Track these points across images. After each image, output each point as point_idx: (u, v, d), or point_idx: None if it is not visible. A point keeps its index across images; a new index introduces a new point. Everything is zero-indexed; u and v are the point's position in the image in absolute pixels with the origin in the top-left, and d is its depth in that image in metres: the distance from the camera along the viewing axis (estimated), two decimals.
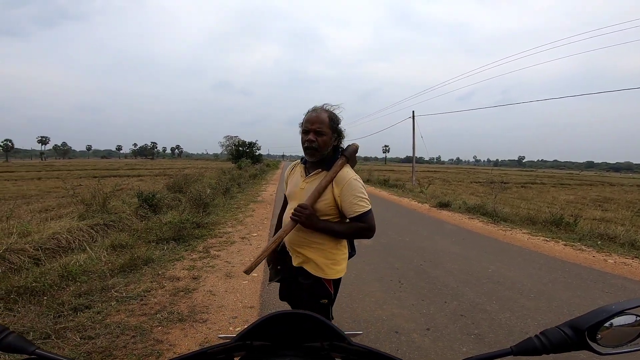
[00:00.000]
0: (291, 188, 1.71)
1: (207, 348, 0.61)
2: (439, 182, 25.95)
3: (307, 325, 0.64)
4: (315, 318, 0.63)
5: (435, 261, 4.66)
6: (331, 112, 1.60)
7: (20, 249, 4.01)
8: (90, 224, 5.33)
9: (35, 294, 3.15)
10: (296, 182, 1.69)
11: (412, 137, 20.69)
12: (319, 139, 1.54)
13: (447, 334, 2.74)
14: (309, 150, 1.56)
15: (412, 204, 10.96)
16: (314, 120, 1.55)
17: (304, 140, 1.57)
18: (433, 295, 3.51)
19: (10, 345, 0.52)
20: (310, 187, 1.60)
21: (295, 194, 1.67)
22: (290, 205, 1.69)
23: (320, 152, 1.56)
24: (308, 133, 1.55)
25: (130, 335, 2.56)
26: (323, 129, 1.55)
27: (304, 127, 1.58)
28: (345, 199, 1.55)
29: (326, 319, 0.64)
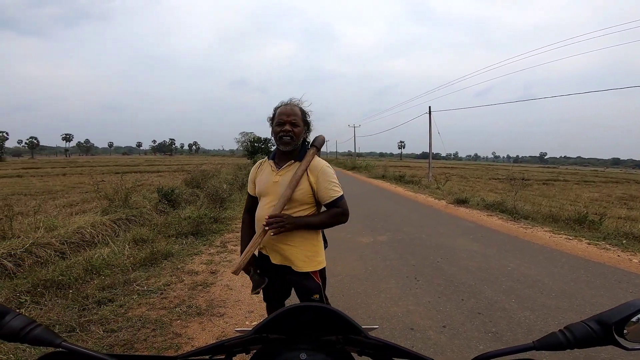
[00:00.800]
0: (263, 185, 1.73)
1: (224, 340, 0.63)
2: (456, 179, 25.50)
3: (323, 318, 0.65)
4: (331, 311, 0.63)
5: (452, 258, 4.60)
6: (301, 107, 1.72)
7: (47, 243, 4.17)
8: (112, 219, 5.51)
9: (61, 287, 3.26)
10: (267, 178, 1.72)
11: (429, 132, 20.38)
12: (294, 129, 1.64)
13: (464, 331, 2.71)
14: (285, 139, 1.64)
15: (428, 200, 10.82)
16: (289, 112, 1.65)
17: (278, 132, 1.65)
18: (450, 293, 3.47)
19: (37, 337, 0.53)
20: (284, 179, 1.67)
21: (268, 189, 1.70)
22: (265, 201, 1.70)
23: (294, 142, 1.65)
24: (283, 124, 1.63)
25: (151, 329, 2.63)
26: (297, 121, 1.65)
27: (278, 120, 1.66)
28: (320, 186, 1.66)
29: (343, 312, 0.64)
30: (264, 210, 1.67)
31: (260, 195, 1.75)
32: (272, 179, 1.70)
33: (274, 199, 1.67)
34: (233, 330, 1.55)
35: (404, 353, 0.62)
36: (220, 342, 0.63)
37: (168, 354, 2.31)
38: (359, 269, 4.16)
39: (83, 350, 0.53)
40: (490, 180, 27.55)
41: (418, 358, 0.61)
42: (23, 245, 3.88)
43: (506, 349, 0.58)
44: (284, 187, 1.64)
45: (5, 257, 3.64)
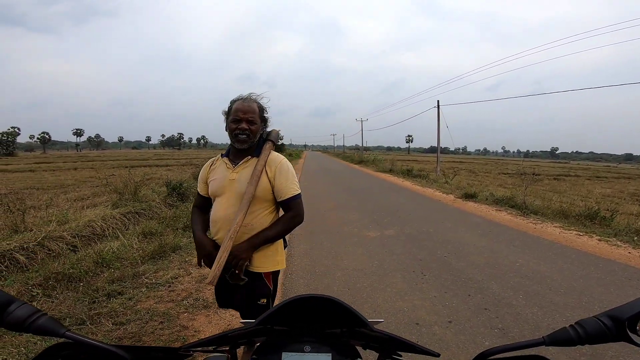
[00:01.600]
0: (218, 183, 1.65)
1: (228, 332, 0.63)
2: (464, 173, 25.26)
3: (328, 311, 0.65)
4: (337, 303, 0.63)
5: (459, 253, 4.57)
6: (259, 102, 1.66)
7: (59, 236, 4.25)
8: (122, 212, 5.59)
9: (72, 280, 3.32)
10: (222, 176, 1.64)
11: (437, 127, 20.17)
12: (251, 127, 1.59)
13: (470, 327, 2.70)
14: (241, 137, 1.59)
15: (436, 194, 10.75)
16: (246, 109, 1.59)
17: (234, 129, 1.59)
18: (456, 288, 3.45)
19: (41, 327, 0.53)
20: (242, 176, 1.60)
21: (224, 187, 1.62)
22: (221, 200, 1.63)
23: (251, 140, 1.60)
24: (240, 122, 1.58)
25: (159, 321, 2.67)
26: (255, 118, 1.60)
27: (234, 116, 1.60)
28: (278, 180, 1.61)
29: (348, 304, 0.63)
30: (221, 212, 1.61)
31: (215, 195, 1.66)
32: (228, 176, 1.62)
33: (231, 197, 1.60)
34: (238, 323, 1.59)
35: (409, 346, 0.62)
36: (224, 333, 0.63)
37: (175, 346, 2.34)
38: (365, 263, 4.16)
39: (87, 340, 0.53)
40: (499, 174, 27.22)
41: (423, 351, 0.60)
42: (35, 239, 3.96)
43: (515, 343, 0.57)
44: (242, 184, 1.58)
45: (17, 250, 3.72)
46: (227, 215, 1.59)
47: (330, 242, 5.05)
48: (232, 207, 1.60)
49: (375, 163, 26.77)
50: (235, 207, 1.59)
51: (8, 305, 0.53)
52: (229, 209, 1.59)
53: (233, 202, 1.60)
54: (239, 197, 1.59)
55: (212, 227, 1.66)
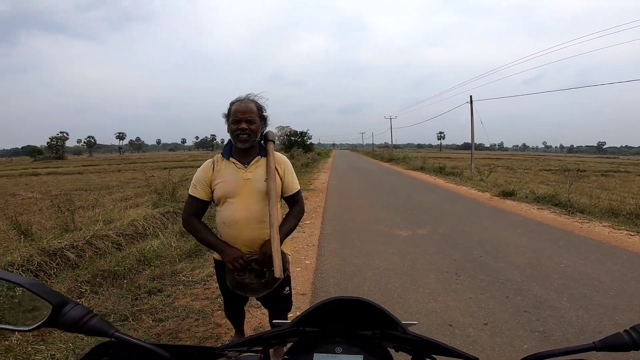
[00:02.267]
0: (230, 185, 1.65)
1: (263, 333, 0.64)
2: (501, 170, 24.13)
3: (360, 312, 0.64)
4: (370, 305, 0.62)
5: (497, 253, 4.38)
6: (257, 102, 1.68)
7: (105, 235, 4.52)
8: (161, 212, 5.86)
9: (117, 277, 3.49)
10: (235, 177, 1.65)
11: (471, 122, 19.43)
12: (251, 127, 1.62)
13: (507, 329, 2.58)
14: (242, 137, 1.62)
15: (471, 192, 10.36)
16: (244, 110, 1.62)
17: (234, 129, 1.62)
18: (493, 289, 3.31)
19: (93, 328, 0.55)
20: (256, 175, 1.65)
21: (239, 187, 1.64)
22: (235, 201, 1.64)
23: (252, 139, 1.64)
24: (239, 122, 1.61)
25: (194, 319, 2.75)
26: (254, 118, 1.63)
27: (233, 117, 1.63)
28: (287, 177, 1.75)
29: (383, 307, 0.63)
30: (240, 212, 1.63)
31: (228, 197, 1.66)
32: (241, 176, 1.65)
33: (249, 197, 1.63)
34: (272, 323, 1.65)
35: (445, 350, 0.60)
36: (260, 334, 0.64)
37: (208, 343, 2.41)
38: (397, 262, 4.09)
39: (133, 340, 0.54)
40: (540, 171, 25.74)
41: (460, 355, 0.58)
42: (84, 238, 4.23)
43: (563, 348, 0.54)
44: (259, 182, 1.64)
45: (68, 248, 3.99)
46: (249, 215, 1.63)
47: (360, 241, 5.01)
48: (251, 205, 1.64)
49: (405, 161, 26.25)
50: (256, 205, 1.64)
51: (63, 306, 0.55)
52: (249, 207, 1.64)
53: (252, 201, 1.64)
54: (257, 195, 1.64)
55: (229, 230, 1.66)
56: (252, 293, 1.67)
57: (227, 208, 1.66)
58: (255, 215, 1.64)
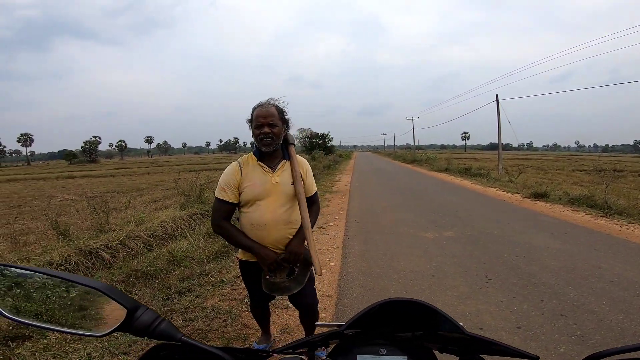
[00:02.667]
0: (259, 188, 1.70)
1: (310, 337, 0.64)
2: (531, 171, 23.21)
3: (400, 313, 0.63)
4: (424, 305, 0.60)
5: (530, 257, 4.20)
6: (277, 105, 1.73)
7: (137, 235, 4.68)
8: (189, 213, 6.02)
9: (149, 277, 3.59)
10: (263, 180, 1.71)
11: (497, 122, 18.82)
12: (273, 130, 1.67)
13: (542, 333, 2.49)
14: (265, 141, 1.67)
15: (499, 194, 10.02)
16: (265, 114, 1.67)
17: (258, 134, 1.67)
18: (527, 293, 3.18)
19: (162, 332, 0.54)
20: (283, 178, 1.72)
21: (268, 190, 1.70)
22: (264, 203, 1.71)
23: (275, 142, 1.69)
24: (262, 127, 1.66)
25: (222, 319, 2.78)
26: (275, 121, 1.68)
27: (256, 122, 1.68)
28: (307, 180, 1.81)
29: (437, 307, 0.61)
30: (269, 214, 1.70)
31: (256, 199, 1.70)
32: (270, 180, 1.71)
33: (277, 199, 1.71)
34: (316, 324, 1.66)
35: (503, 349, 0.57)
36: (307, 339, 0.64)
37: (236, 344, 2.44)
38: (423, 265, 4.01)
39: (199, 345, 0.55)
40: (573, 172, 24.60)
41: (519, 354, 0.55)
42: (118, 238, 4.41)
43: (629, 345, 0.50)
44: (286, 185, 1.71)
45: (103, 248, 4.17)
46: (276, 217, 1.70)
47: (385, 243, 4.95)
48: (280, 207, 1.71)
49: (429, 162, 25.73)
50: (284, 207, 1.72)
51: (135, 310, 0.55)
52: (277, 209, 1.71)
53: (280, 203, 1.72)
54: (284, 198, 1.72)
55: (257, 231, 1.71)
56: (286, 291, 1.74)
57: (255, 210, 1.71)
58: (282, 216, 1.72)
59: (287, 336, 2.57)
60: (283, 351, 0.63)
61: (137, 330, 0.54)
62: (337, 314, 2.86)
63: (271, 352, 0.63)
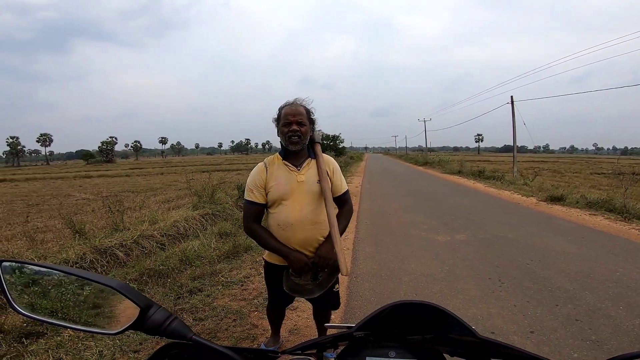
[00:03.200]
0: (284, 187, 1.68)
1: (320, 338, 0.64)
2: (547, 174, 22.71)
3: (410, 316, 0.63)
4: (435, 308, 0.60)
5: (545, 261, 4.11)
6: (305, 106, 1.73)
7: (150, 235, 4.75)
8: (201, 214, 6.09)
9: (161, 276, 3.64)
10: (287, 179, 1.70)
11: (512, 124, 18.50)
12: (301, 129, 1.67)
13: (556, 338, 2.44)
14: (293, 139, 1.66)
15: (514, 197, 9.83)
16: (294, 113, 1.67)
17: (286, 132, 1.66)
18: (541, 297, 3.12)
19: (174, 331, 0.54)
20: (309, 177, 1.69)
21: (293, 189, 1.69)
22: (289, 202, 1.68)
23: (303, 141, 1.69)
24: (290, 125, 1.65)
25: (232, 319, 2.80)
26: (303, 120, 1.68)
27: (284, 120, 1.67)
28: (336, 177, 1.77)
29: (449, 310, 0.60)
30: (295, 213, 1.66)
31: (282, 199, 1.69)
32: (295, 179, 1.69)
33: (303, 198, 1.68)
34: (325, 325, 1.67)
35: (517, 353, 0.55)
36: (316, 340, 0.64)
37: (245, 344, 2.45)
38: (435, 268, 3.97)
39: (210, 344, 0.54)
40: (591, 175, 23.95)
41: (531, 357, 0.54)
42: (132, 237, 4.49)
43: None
44: (311, 184, 1.68)
45: (117, 247, 4.24)
46: (302, 216, 1.67)
47: (396, 246, 4.91)
48: (306, 206, 1.68)
49: (441, 164, 25.40)
50: (310, 206, 1.68)
51: (148, 309, 0.54)
52: (303, 209, 1.67)
53: (306, 202, 1.68)
54: (310, 197, 1.68)
55: (283, 231, 1.68)
56: (308, 294, 1.71)
57: (281, 210, 1.69)
58: (308, 216, 1.67)
59: (295, 337, 2.57)
60: (292, 352, 0.63)
61: (150, 329, 0.54)
62: (346, 316, 2.85)
63: (280, 353, 0.63)
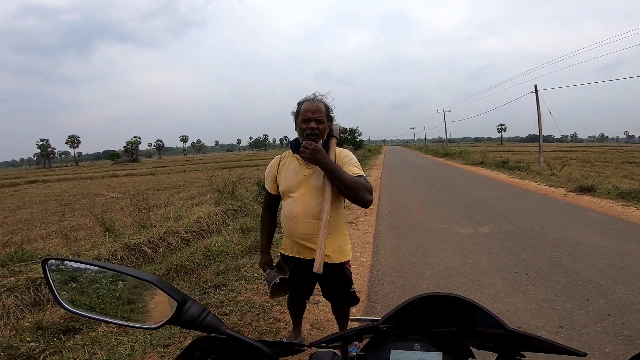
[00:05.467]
0: (291, 180, 1.72)
1: (346, 331, 0.65)
2: (576, 163, 21.75)
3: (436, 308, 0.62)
4: (464, 301, 0.59)
5: (575, 253, 3.97)
6: (325, 102, 1.71)
7: (175, 231, 4.89)
8: (223, 210, 6.21)
9: (187, 271, 3.75)
10: (296, 172, 1.71)
11: (537, 113, 17.80)
12: (320, 126, 1.66)
13: (586, 333, 2.37)
14: (312, 137, 1.64)
15: (540, 188, 9.49)
16: (314, 109, 1.66)
17: (304, 128, 1.65)
18: (571, 292, 3.02)
19: (208, 325, 0.55)
20: (317, 171, 1.66)
21: (300, 183, 1.69)
22: (295, 195, 1.70)
23: (321, 138, 1.68)
24: (309, 121, 1.64)
25: (255, 313, 2.85)
26: (322, 117, 1.67)
27: (303, 116, 1.67)
28: (347, 167, 1.68)
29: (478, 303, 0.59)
30: (299, 207, 1.67)
31: (289, 191, 1.72)
32: (303, 172, 1.70)
33: (308, 192, 1.67)
34: (351, 319, 1.67)
35: (547, 345, 0.54)
36: (342, 333, 0.65)
37: (268, 338, 2.48)
38: (457, 261, 3.90)
39: (242, 337, 0.56)
40: (623, 164, 22.74)
41: (564, 350, 0.53)
42: (158, 234, 4.63)
43: None
44: (318, 178, 1.65)
45: (145, 244, 4.39)
46: (306, 209, 1.67)
47: (417, 239, 4.86)
48: (309, 200, 1.67)
49: (462, 155, 24.77)
50: (314, 201, 1.66)
51: (185, 303, 0.56)
52: (306, 202, 1.66)
53: (311, 196, 1.67)
54: (316, 191, 1.67)
55: (288, 223, 1.72)
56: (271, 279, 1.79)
57: (288, 202, 1.73)
58: (311, 210, 1.66)
59: (317, 331, 2.60)
60: (318, 345, 0.64)
61: (186, 323, 0.55)
62: (368, 310, 2.85)
63: (306, 346, 0.64)
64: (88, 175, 29.15)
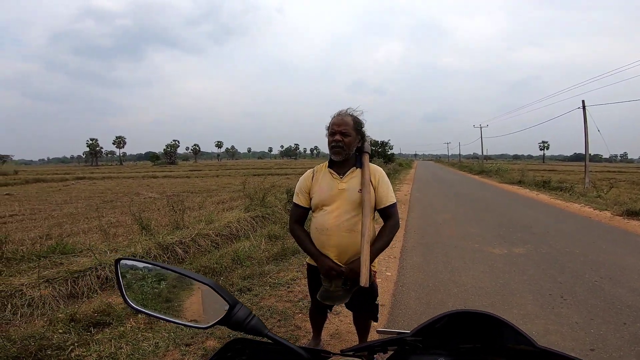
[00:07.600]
0: (325, 193, 1.73)
1: (374, 342, 0.67)
2: (624, 185, 20.18)
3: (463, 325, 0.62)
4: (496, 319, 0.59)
5: (616, 278, 3.70)
6: (355, 116, 1.73)
7: (206, 234, 5.02)
8: (252, 216, 6.35)
9: (215, 274, 3.85)
10: (330, 186, 1.73)
11: (584, 130, 16.80)
12: (345, 139, 1.69)
13: (619, 356, 2.26)
14: (336, 149, 1.69)
15: (584, 210, 8.92)
16: (339, 122, 1.70)
17: (330, 141, 1.70)
18: (608, 316, 2.85)
19: (253, 327, 0.59)
20: (351, 185, 1.70)
21: (334, 196, 1.71)
22: (329, 209, 1.71)
23: (345, 151, 1.71)
24: (335, 134, 1.68)
25: (277, 319, 2.87)
26: (348, 131, 1.70)
27: (330, 130, 1.71)
28: (381, 188, 1.74)
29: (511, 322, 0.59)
30: (332, 220, 1.69)
31: (323, 205, 1.74)
32: (337, 186, 1.72)
33: (342, 205, 1.70)
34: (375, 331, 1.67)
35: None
36: (370, 343, 0.66)
37: None
38: (488, 281, 3.75)
39: (282, 341, 0.58)
40: None
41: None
42: (190, 235, 4.80)
43: None
44: (352, 192, 1.69)
45: (177, 244, 4.56)
46: (339, 223, 1.69)
47: (445, 256, 4.72)
48: (343, 214, 1.70)
49: (499, 173, 23.73)
50: (348, 215, 1.70)
51: (235, 306, 0.60)
52: (340, 216, 1.69)
53: (344, 209, 1.70)
54: (350, 205, 1.70)
55: (320, 236, 1.74)
56: (338, 300, 1.76)
57: (321, 215, 1.75)
58: (345, 224, 1.70)
59: (336, 341, 2.59)
60: (344, 353, 0.65)
61: (234, 324, 0.59)
62: (389, 324, 2.81)
63: (333, 353, 0.65)
64: (130, 175, 30.81)
